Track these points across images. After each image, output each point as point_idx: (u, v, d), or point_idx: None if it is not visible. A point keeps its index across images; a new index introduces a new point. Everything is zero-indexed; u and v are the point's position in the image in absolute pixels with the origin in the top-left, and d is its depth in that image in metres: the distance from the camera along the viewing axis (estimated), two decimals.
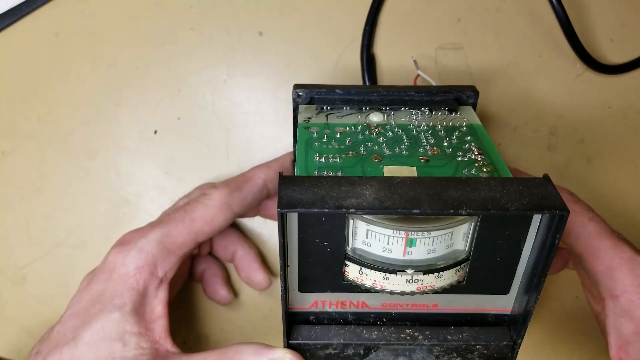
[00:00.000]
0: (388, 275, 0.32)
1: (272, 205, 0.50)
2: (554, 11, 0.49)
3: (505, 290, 0.35)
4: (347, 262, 0.33)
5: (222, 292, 0.51)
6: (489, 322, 0.37)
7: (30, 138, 0.51)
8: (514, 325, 0.36)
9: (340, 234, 0.32)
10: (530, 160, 0.52)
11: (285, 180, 0.30)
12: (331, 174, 0.33)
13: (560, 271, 0.48)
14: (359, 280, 0.33)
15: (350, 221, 0.32)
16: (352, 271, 0.33)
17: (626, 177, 0.53)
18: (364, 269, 0.33)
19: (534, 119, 0.51)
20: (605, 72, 0.51)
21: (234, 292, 0.53)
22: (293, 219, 0.31)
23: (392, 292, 0.33)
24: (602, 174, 0.52)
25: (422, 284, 0.33)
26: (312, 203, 0.29)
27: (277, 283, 0.52)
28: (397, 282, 0.32)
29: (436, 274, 0.32)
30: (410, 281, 0.32)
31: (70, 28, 0.50)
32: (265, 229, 0.53)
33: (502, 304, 0.36)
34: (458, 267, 0.33)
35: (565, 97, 0.51)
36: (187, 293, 0.53)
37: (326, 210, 0.29)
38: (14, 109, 0.51)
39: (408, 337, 0.36)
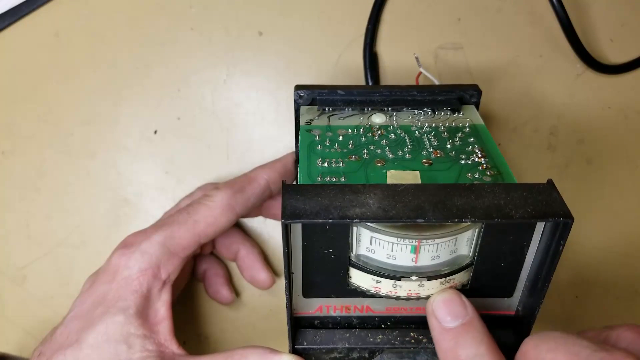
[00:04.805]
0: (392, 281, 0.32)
1: (275, 206, 0.50)
2: (554, 11, 0.49)
3: (509, 293, 0.35)
4: (351, 269, 0.33)
5: (224, 292, 0.51)
6: (492, 324, 0.37)
7: (30, 138, 0.51)
8: (518, 327, 0.36)
9: (344, 242, 0.32)
10: (530, 160, 0.52)
11: (289, 189, 0.30)
12: (334, 180, 0.33)
13: None
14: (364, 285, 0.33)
15: (354, 228, 0.32)
16: (356, 277, 0.33)
17: (626, 177, 0.53)
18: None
19: (534, 119, 0.51)
20: (605, 72, 0.51)
21: (236, 292, 0.53)
22: (297, 228, 0.31)
23: (397, 298, 0.33)
24: (602, 174, 0.53)
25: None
26: (316, 213, 0.29)
27: (279, 283, 0.52)
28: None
29: (441, 280, 0.32)
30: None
31: (70, 28, 0.50)
32: (265, 228, 0.53)
33: (506, 306, 0.36)
34: (462, 272, 0.33)
35: (565, 97, 0.51)
36: (186, 292, 0.53)
37: (330, 220, 0.29)
38: (14, 109, 0.51)
39: (412, 340, 0.36)
